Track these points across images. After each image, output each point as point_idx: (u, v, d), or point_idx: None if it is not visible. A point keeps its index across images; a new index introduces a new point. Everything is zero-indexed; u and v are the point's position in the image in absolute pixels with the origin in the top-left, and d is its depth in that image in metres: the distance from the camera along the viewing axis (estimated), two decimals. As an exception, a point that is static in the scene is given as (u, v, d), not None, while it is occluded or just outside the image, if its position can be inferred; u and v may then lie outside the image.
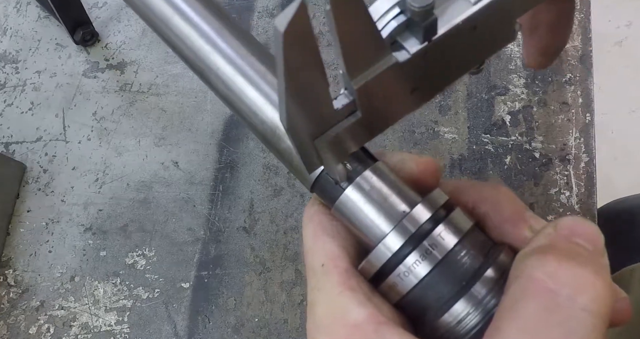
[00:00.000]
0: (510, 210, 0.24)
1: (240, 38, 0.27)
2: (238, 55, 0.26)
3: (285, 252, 0.51)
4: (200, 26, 0.27)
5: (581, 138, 0.51)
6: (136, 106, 0.58)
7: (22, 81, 0.60)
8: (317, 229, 0.24)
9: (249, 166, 0.54)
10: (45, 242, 0.54)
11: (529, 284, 0.19)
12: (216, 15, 0.27)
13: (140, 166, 0.55)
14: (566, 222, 0.21)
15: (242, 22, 0.60)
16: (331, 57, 0.56)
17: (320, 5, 0.59)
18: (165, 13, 0.27)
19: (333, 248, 0.23)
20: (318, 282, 0.23)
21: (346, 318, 0.21)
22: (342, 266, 0.23)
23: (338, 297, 0.22)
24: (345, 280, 0.22)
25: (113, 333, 0.50)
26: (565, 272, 0.19)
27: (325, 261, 0.23)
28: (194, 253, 0.52)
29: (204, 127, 0.56)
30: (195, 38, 0.27)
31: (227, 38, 0.26)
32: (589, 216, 0.48)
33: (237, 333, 0.49)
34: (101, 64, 0.60)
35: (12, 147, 0.58)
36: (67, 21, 0.57)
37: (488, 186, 0.26)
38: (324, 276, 0.23)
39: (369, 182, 0.23)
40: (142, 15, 0.29)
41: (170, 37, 0.28)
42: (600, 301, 0.19)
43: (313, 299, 0.23)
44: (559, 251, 0.20)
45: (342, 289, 0.22)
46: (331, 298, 0.22)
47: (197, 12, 0.27)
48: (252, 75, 0.26)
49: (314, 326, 0.22)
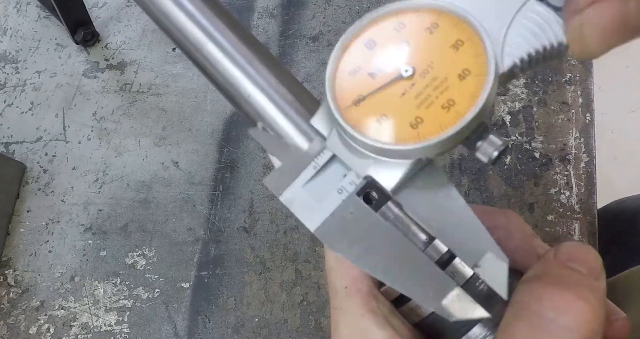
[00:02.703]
0: (519, 238, 0.25)
1: (231, 27, 0.27)
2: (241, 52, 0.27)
3: (285, 252, 0.51)
4: (200, 20, 0.28)
5: (581, 138, 0.51)
6: (136, 106, 0.58)
7: (22, 81, 0.60)
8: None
9: (249, 166, 0.54)
10: (45, 242, 0.54)
11: (518, 308, 0.20)
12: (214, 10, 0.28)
13: (140, 166, 0.55)
14: (565, 248, 0.22)
15: (242, 21, 0.60)
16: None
17: (320, 5, 0.59)
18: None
19: (355, 272, 0.24)
20: (341, 303, 0.24)
21: (369, 337, 0.23)
22: (364, 289, 0.24)
23: (360, 319, 0.23)
24: (366, 303, 0.23)
25: (113, 333, 0.50)
26: (549, 295, 0.20)
27: (348, 283, 0.24)
28: (194, 253, 0.52)
29: (204, 127, 0.56)
30: (192, 28, 0.27)
31: (224, 32, 0.27)
32: (589, 216, 0.48)
33: (237, 333, 0.49)
34: (101, 64, 0.60)
35: (12, 147, 0.58)
36: (68, 21, 0.57)
37: (499, 213, 0.26)
38: (347, 298, 0.24)
39: (393, 212, 0.22)
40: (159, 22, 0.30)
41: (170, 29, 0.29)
42: (584, 322, 0.19)
43: (337, 319, 0.24)
44: (549, 276, 0.21)
45: (364, 312, 0.23)
46: (354, 319, 0.24)
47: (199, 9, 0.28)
48: (251, 72, 0.26)
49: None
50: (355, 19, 0.59)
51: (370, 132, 0.18)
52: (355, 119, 0.18)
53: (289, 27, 0.59)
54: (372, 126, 0.18)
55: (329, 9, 0.59)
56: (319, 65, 0.56)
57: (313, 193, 0.21)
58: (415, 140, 0.17)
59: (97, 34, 0.60)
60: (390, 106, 0.18)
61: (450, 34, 0.17)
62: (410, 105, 0.18)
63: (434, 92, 0.17)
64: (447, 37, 0.18)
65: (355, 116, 0.18)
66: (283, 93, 0.25)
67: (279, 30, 0.59)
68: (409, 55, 0.18)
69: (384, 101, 0.18)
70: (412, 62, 0.18)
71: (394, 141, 0.18)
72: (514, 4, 0.18)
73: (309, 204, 0.20)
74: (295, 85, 0.25)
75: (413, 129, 0.17)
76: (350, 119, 0.18)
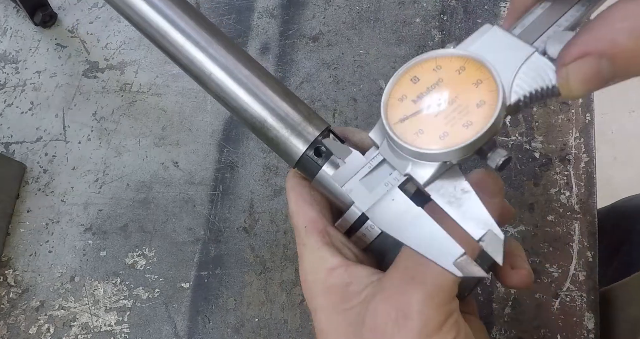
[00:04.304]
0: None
1: (228, 47, 0.33)
2: (229, 63, 0.32)
3: (285, 252, 0.51)
4: (194, 37, 0.33)
5: (581, 138, 0.51)
6: (136, 106, 0.58)
7: (22, 81, 0.60)
8: (298, 199, 0.32)
9: (249, 166, 0.54)
10: (45, 242, 0.54)
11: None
12: (209, 31, 0.33)
13: (140, 166, 0.55)
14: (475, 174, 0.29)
15: (242, 22, 0.60)
16: (331, 57, 0.57)
17: (320, 5, 0.59)
18: (164, 27, 0.33)
19: (312, 213, 0.31)
20: (303, 239, 0.31)
21: (325, 264, 0.30)
22: (320, 227, 0.31)
23: (317, 251, 0.30)
24: (322, 237, 0.30)
25: (113, 333, 0.50)
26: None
27: (307, 223, 0.31)
28: (194, 253, 0.52)
29: (204, 127, 0.56)
30: (193, 50, 0.33)
31: (218, 49, 0.33)
32: (589, 216, 0.48)
33: (237, 333, 0.49)
34: (101, 64, 0.60)
35: (12, 147, 0.58)
36: (26, 4, 0.59)
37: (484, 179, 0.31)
38: (307, 235, 0.31)
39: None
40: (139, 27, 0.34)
41: (171, 51, 0.34)
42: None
43: (301, 253, 0.31)
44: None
45: (320, 245, 0.30)
46: (313, 251, 0.30)
47: (192, 27, 0.33)
48: (242, 79, 0.32)
49: (303, 271, 0.31)
50: (355, 19, 0.60)
51: (410, 142, 0.25)
52: (400, 132, 0.25)
53: (289, 27, 0.59)
54: (411, 137, 0.25)
55: (329, 9, 0.59)
56: (319, 65, 0.56)
57: (367, 185, 0.27)
58: (442, 147, 0.24)
59: (55, 15, 0.62)
60: (425, 124, 0.25)
61: (474, 75, 0.24)
62: (440, 123, 0.24)
63: (458, 115, 0.24)
64: (470, 77, 0.24)
65: (400, 130, 0.25)
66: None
67: (279, 30, 0.59)
68: (443, 88, 0.25)
69: (421, 120, 0.25)
70: (445, 93, 0.25)
71: (427, 148, 0.25)
72: (522, 55, 0.24)
73: (363, 192, 0.27)
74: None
75: (441, 140, 0.24)
76: (397, 132, 0.25)
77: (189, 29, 0.33)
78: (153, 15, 0.33)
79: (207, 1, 0.61)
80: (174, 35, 0.32)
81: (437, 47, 0.56)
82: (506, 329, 0.34)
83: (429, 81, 0.25)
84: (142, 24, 0.33)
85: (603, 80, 0.22)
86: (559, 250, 0.48)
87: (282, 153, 0.32)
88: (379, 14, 0.58)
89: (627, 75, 0.21)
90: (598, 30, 0.21)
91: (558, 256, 0.47)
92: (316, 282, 0.30)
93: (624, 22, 0.20)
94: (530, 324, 0.46)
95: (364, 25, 0.58)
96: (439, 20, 0.57)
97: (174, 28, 0.32)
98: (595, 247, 0.48)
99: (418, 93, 0.25)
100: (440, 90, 0.25)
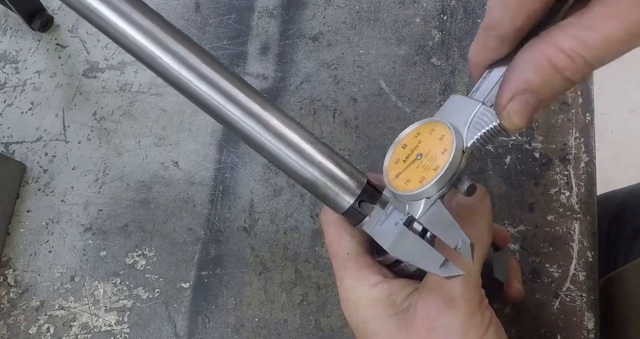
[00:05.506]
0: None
1: (280, 117, 0.36)
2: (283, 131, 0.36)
3: (285, 253, 0.51)
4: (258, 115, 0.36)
5: (581, 138, 0.51)
6: (136, 106, 0.58)
7: (22, 81, 0.60)
8: (340, 231, 0.37)
9: (249, 166, 0.54)
10: (45, 242, 0.54)
11: None
12: (266, 105, 0.36)
13: (140, 166, 0.55)
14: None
15: (242, 21, 0.60)
16: (331, 57, 0.57)
17: (320, 5, 0.59)
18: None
19: (353, 244, 0.36)
20: (344, 263, 0.36)
21: (367, 281, 0.35)
22: (360, 253, 0.36)
23: (359, 272, 0.35)
24: (364, 260, 0.36)
25: (113, 333, 0.50)
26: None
27: (350, 251, 0.36)
28: (194, 253, 0.52)
29: (204, 127, 0.56)
30: (254, 124, 0.36)
31: (270, 119, 0.36)
32: (589, 216, 0.48)
33: (237, 333, 0.49)
34: (101, 64, 0.60)
35: (12, 147, 0.58)
36: (22, 12, 0.59)
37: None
38: (350, 260, 0.36)
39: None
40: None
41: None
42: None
43: (340, 275, 0.36)
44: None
45: (361, 266, 0.35)
46: (354, 272, 0.35)
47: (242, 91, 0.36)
48: (294, 143, 0.36)
49: (344, 291, 0.36)
50: (355, 19, 0.60)
51: (402, 189, 0.33)
52: (396, 185, 0.33)
53: (289, 27, 0.59)
54: (403, 186, 0.33)
55: (329, 9, 0.59)
56: (319, 65, 0.57)
57: (385, 227, 0.34)
58: (420, 187, 0.32)
59: (52, 18, 0.62)
60: (410, 174, 0.33)
61: (439, 132, 0.32)
62: (419, 172, 0.32)
63: (429, 163, 0.32)
64: (438, 134, 0.32)
65: (395, 183, 0.33)
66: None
67: (279, 30, 0.59)
68: (421, 147, 0.33)
69: (407, 172, 0.33)
70: (422, 150, 0.33)
71: (412, 191, 0.32)
72: (473, 109, 0.31)
73: (383, 233, 0.34)
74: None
75: (420, 183, 0.32)
76: (393, 185, 0.33)
77: (251, 105, 0.35)
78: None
79: (207, 1, 0.61)
80: (243, 121, 0.35)
81: (436, 46, 0.56)
82: (506, 329, 0.34)
83: (412, 145, 0.34)
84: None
85: (535, 108, 0.27)
86: (559, 250, 0.48)
87: (331, 205, 0.36)
88: (379, 14, 0.58)
89: (550, 100, 0.28)
90: (515, 73, 0.27)
91: (558, 256, 0.47)
92: (360, 298, 0.35)
93: (528, 63, 0.27)
94: (530, 324, 0.46)
95: (364, 25, 0.58)
96: (439, 20, 0.57)
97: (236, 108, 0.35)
98: (596, 247, 0.48)
99: (406, 155, 0.34)
100: (419, 149, 0.33)
